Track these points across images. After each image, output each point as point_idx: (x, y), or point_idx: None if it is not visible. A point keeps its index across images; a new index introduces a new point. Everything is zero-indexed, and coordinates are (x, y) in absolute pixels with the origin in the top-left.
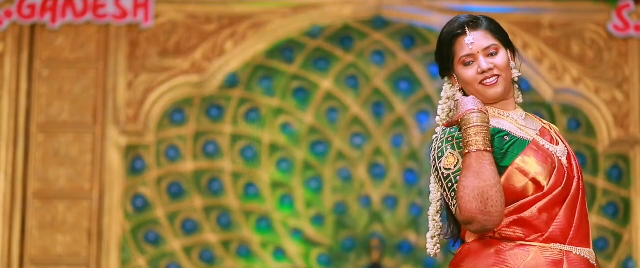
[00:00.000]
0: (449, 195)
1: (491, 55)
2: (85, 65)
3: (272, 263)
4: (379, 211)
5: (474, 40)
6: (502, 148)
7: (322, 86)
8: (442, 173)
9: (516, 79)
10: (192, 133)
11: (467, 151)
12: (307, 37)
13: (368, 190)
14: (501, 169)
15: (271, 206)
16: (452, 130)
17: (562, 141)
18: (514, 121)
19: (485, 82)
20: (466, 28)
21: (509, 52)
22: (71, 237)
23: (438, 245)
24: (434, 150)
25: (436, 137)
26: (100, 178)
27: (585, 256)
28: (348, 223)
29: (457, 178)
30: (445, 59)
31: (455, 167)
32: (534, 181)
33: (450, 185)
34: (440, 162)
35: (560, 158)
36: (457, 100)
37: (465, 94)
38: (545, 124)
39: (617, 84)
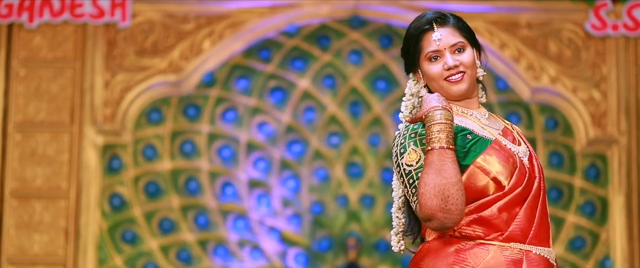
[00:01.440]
0: (409, 192)
1: (458, 51)
2: (62, 65)
3: (249, 263)
4: (356, 210)
5: (441, 37)
6: (465, 146)
7: (300, 85)
8: (404, 169)
9: (481, 78)
10: (169, 132)
11: (429, 148)
12: (285, 36)
13: (345, 189)
14: (463, 167)
15: (248, 205)
16: (415, 127)
17: (524, 142)
18: (477, 120)
19: (450, 78)
20: (434, 24)
21: (474, 51)
22: (48, 236)
23: (402, 242)
24: (397, 146)
25: (399, 133)
26: (77, 178)
27: (545, 255)
28: (325, 222)
29: (419, 175)
30: (411, 55)
31: (417, 163)
32: (495, 180)
33: (411, 181)
34: (402, 158)
35: (522, 158)
36: (421, 97)
37: (430, 91)
38: (507, 124)
39: (595, 83)
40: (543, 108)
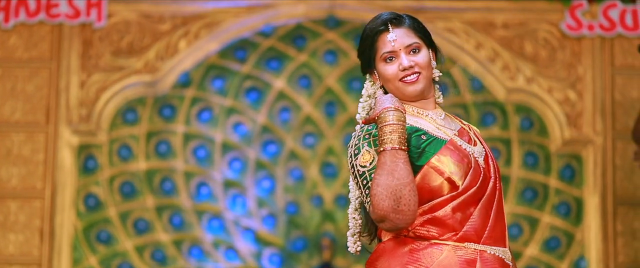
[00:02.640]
0: (363, 193)
1: (413, 52)
2: (38, 65)
3: (224, 263)
4: (331, 210)
5: (396, 37)
6: (419, 147)
7: (275, 86)
8: (358, 170)
9: (437, 79)
10: (145, 132)
11: (382, 149)
12: (260, 36)
13: (320, 189)
14: (417, 168)
15: (223, 206)
16: (369, 128)
17: (481, 142)
18: (433, 120)
19: (405, 79)
20: (389, 25)
21: (431, 51)
22: (23, 236)
23: (358, 243)
24: (351, 147)
25: (354, 134)
26: (52, 178)
27: (500, 255)
28: (300, 222)
29: (372, 175)
30: (366, 56)
31: (370, 164)
32: (449, 180)
33: (365, 182)
34: (357, 159)
35: (477, 158)
36: (376, 98)
37: (386, 92)
38: (464, 124)
39: (570, 84)
40: (518, 108)
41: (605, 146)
